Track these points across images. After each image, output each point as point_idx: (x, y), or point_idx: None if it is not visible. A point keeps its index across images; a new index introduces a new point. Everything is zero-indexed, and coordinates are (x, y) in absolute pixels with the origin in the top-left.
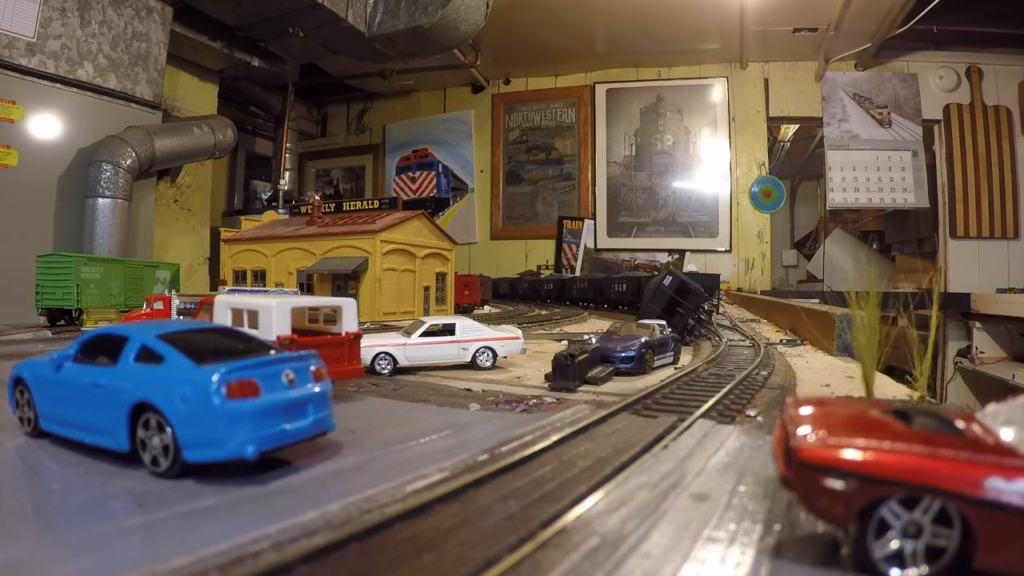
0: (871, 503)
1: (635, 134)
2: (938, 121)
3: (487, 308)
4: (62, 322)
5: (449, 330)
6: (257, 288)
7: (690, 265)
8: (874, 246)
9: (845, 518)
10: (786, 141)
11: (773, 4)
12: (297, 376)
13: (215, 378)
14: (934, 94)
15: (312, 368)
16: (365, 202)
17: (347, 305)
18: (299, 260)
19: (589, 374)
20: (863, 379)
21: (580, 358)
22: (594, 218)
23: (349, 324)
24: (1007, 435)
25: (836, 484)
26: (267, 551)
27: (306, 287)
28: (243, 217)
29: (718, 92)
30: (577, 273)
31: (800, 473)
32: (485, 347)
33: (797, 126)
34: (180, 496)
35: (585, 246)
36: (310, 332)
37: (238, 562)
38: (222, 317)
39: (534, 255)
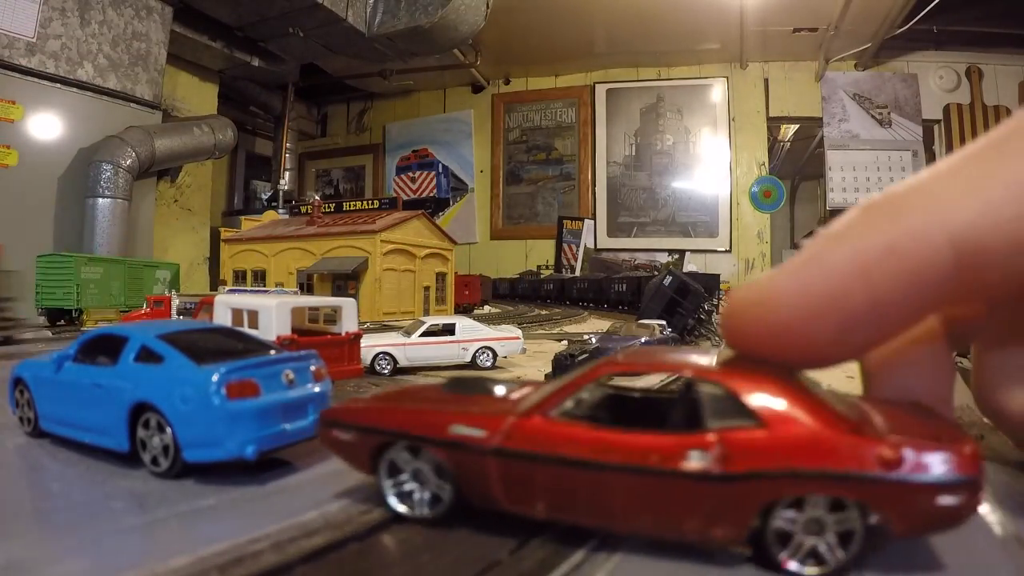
0: (378, 448)
1: (635, 134)
2: (938, 121)
3: (487, 308)
4: (62, 322)
5: (449, 330)
6: (257, 288)
7: (690, 265)
8: None
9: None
10: (786, 141)
11: (773, 4)
12: (297, 376)
13: (215, 378)
14: (934, 94)
15: (312, 368)
16: (365, 202)
17: (347, 305)
18: (299, 260)
19: None
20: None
21: (580, 358)
22: (594, 218)
23: (349, 324)
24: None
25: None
26: (267, 551)
27: (306, 287)
28: (243, 217)
29: (718, 92)
30: (577, 273)
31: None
32: (485, 347)
33: (797, 126)
34: (180, 496)
35: (585, 246)
36: (310, 332)
37: (238, 562)
38: (222, 317)
39: (534, 255)
